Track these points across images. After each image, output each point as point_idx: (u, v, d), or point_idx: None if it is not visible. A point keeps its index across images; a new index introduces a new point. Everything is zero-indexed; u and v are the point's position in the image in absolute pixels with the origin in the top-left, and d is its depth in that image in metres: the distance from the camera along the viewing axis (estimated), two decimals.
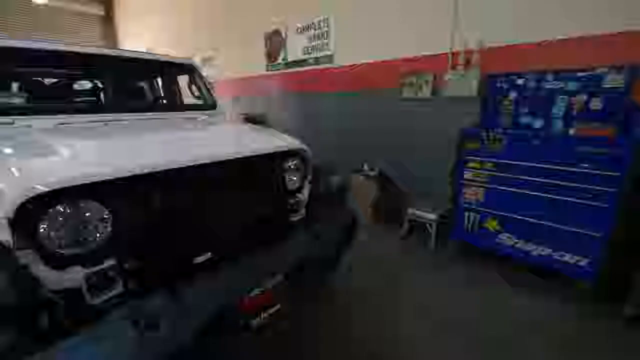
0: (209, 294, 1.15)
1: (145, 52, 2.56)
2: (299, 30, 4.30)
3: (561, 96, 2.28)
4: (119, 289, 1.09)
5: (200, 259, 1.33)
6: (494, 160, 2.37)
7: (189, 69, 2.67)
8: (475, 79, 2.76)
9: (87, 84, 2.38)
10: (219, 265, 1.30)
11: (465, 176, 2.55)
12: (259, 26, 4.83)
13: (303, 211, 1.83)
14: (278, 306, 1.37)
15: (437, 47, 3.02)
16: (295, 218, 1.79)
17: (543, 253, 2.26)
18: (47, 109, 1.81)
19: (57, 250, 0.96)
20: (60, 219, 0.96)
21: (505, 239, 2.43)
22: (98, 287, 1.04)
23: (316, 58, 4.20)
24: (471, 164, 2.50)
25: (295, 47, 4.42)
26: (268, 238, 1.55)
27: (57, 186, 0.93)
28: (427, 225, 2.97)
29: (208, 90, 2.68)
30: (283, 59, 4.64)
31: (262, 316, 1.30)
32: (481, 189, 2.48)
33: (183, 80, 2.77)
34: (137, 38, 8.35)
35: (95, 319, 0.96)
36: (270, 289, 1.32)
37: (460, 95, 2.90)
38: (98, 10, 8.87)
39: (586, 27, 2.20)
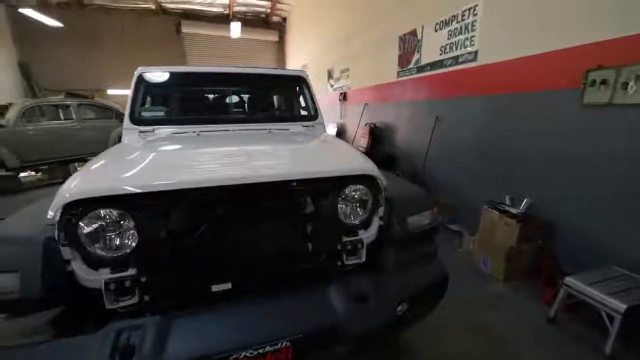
0: (189, 338, 1.00)
1: (260, 67, 2.76)
2: (438, 27, 3.65)
3: None
4: (134, 299, 1.10)
5: (217, 288, 1.20)
6: None
7: (299, 80, 2.68)
8: None
9: (206, 98, 2.77)
10: (238, 299, 1.16)
11: None
12: (395, 29, 4.46)
13: (363, 255, 1.39)
14: None
15: None
16: (350, 262, 1.37)
17: None
18: (170, 120, 2.23)
19: (90, 251, 1.06)
20: (93, 225, 1.06)
21: None
22: (116, 293, 1.08)
23: (455, 57, 3.44)
24: None
25: (430, 48, 3.81)
26: (299, 282, 1.27)
27: (82, 196, 1.03)
28: (603, 313, 1.78)
29: (313, 100, 2.62)
30: (416, 62, 4.10)
31: None
32: None
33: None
34: (298, 57, 9.70)
35: (102, 325, 1.00)
36: (271, 353, 1.02)
37: None
38: (274, 37, 10.96)
39: None
